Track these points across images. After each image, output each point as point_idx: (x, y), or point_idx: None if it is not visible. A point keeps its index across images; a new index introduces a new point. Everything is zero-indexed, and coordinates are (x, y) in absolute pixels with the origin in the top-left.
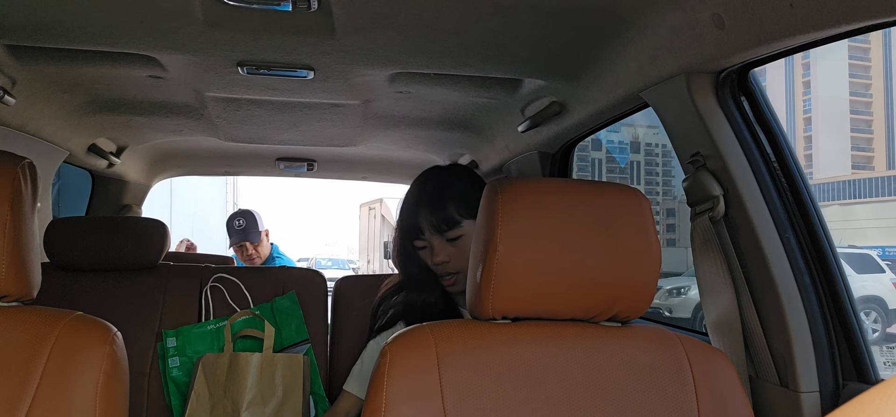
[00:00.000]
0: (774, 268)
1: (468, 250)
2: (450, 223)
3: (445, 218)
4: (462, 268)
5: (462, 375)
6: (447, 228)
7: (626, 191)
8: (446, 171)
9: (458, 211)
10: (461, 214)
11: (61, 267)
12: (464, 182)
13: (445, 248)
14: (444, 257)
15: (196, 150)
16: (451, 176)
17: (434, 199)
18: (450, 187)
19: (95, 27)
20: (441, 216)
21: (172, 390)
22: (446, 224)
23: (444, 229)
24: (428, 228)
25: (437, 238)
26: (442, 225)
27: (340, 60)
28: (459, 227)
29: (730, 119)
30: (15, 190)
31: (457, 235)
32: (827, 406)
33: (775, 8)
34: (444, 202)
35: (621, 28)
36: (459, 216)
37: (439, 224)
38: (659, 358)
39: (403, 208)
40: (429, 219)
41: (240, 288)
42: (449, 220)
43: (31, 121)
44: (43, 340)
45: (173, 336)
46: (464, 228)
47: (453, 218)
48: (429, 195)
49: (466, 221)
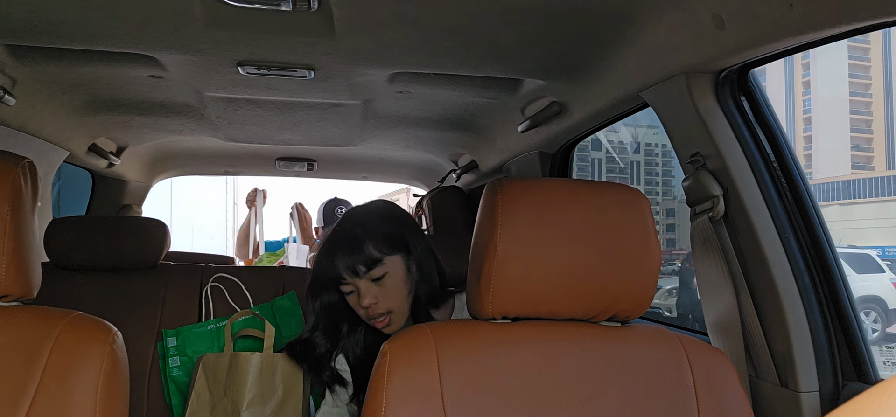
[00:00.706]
0: (774, 268)
1: (397, 288)
2: (370, 263)
3: (365, 259)
4: (394, 307)
5: (462, 375)
6: (368, 268)
7: (626, 191)
8: (359, 210)
9: (378, 249)
10: (382, 251)
11: (61, 266)
12: (379, 217)
13: (371, 290)
14: (372, 299)
15: (196, 150)
16: (364, 213)
17: (350, 241)
18: (365, 226)
19: (95, 27)
20: (360, 257)
21: (172, 390)
22: (366, 265)
23: (365, 270)
24: (348, 273)
25: (361, 280)
26: (360, 268)
27: (340, 60)
28: (382, 265)
29: (730, 119)
30: (15, 189)
31: (381, 273)
32: (827, 406)
33: (775, 8)
34: (360, 242)
35: (621, 28)
36: (380, 253)
37: (355, 266)
38: (659, 358)
39: (319, 258)
40: (347, 263)
41: (240, 287)
42: (369, 260)
43: (31, 121)
44: (43, 340)
45: (173, 335)
46: (386, 265)
47: (373, 256)
48: (344, 238)
49: (389, 257)
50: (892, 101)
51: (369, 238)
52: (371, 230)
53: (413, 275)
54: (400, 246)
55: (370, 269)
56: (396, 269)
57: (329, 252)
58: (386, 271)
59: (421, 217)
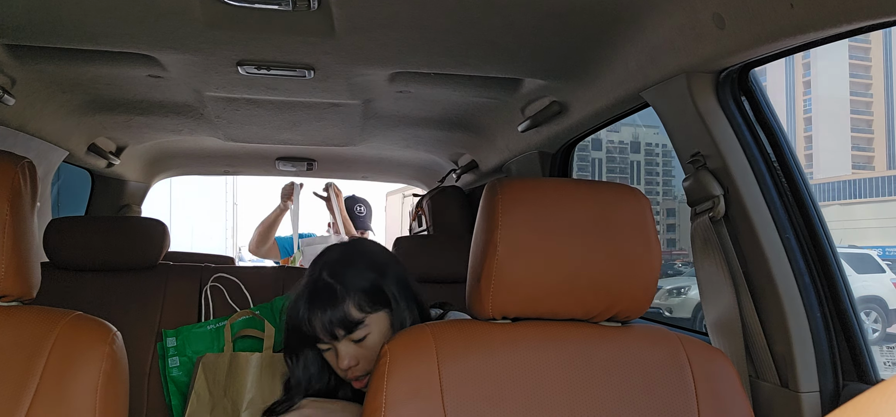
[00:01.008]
0: (775, 268)
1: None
2: (348, 326)
3: (343, 320)
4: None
5: (462, 375)
6: (348, 332)
7: (626, 191)
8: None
9: (360, 307)
10: (364, 309)
11: (61, 266)
12: (361, 267)
13: (351, 351)
14: (351, 361)
15: (196, 150)
16: (345, 262)
17: (329, 299)
18: (346, 280)
19: (95, 27)
20: (338, 318)
21: (172, 390)
22: (345, 327)
23: (344, 333)
24: (326, 335)
25: (342, 342)
26: (339, 331)
27: (340, 60)
28: (363, 326)
29: (730, 119)
30: (14, 189)
31: (362, 335)
32: (827, 407)
33: (775, 8)
34: (340, 301)
35: (621, 28)
36: (362, 312)
37: (334, 330)
38: (659, 358)
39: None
40: (324, 324)
41: (240, 287)
42: (348, 323)
43: (31, 121)
44: (42, 340)
45: (173, 335)
46: (369, 326)
47: (353, 319)
48: (322, 293)
49: (371, 316)
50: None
51: (350, 295)
52: (352, 285)
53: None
54: (383, 301)
55: (350, 331)
56: (379, 328)
57: (306, 307)
58: (368, 332)
59: (421, 217)
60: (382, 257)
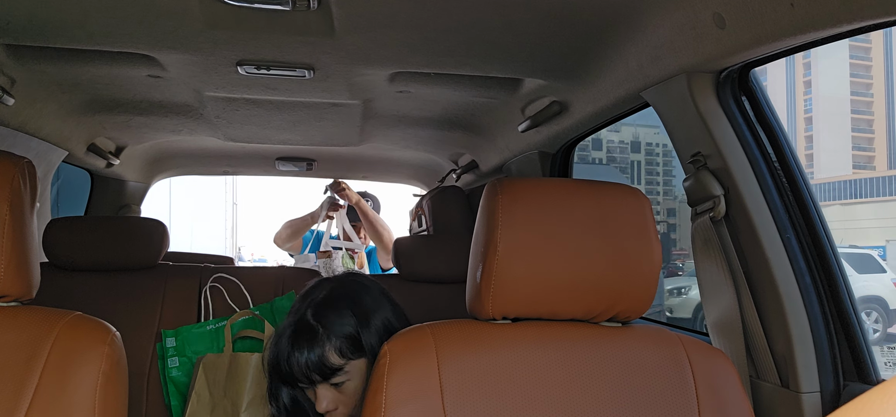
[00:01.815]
0: (775, 268)
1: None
2: (325, 373)
3: (321, 366)
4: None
5: (462, 375)
6: (324, 378)
7: (626, 191)
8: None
9: (340, 352)
10: (344, 355)
11: (60, 266)
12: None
13: (329, 395)
14: (330, 405)
15: (195, 150)
16: (329, 306)
17: (309, 343)
18: (327, 325)
19: (95, 27)
20: (315, 363)
21: (172, 390)
22: (321, 374)
23: (318, 380)
24: (303, 379)
25: (321, 386)
26: (315, 377)
27: (340, 60)
28: (343, 373)
29: (730, 119)
30: (14, 189)
31: (340, 381)
32: (828, 407)
33: (776, 7)
34: (320, 345)
35: (622, 28)
36: (342, 358)
37: (311, 374)
38: (659, 359)
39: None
40: (302, 368)
41: (239, 288)
42: (326, 369)
43: (31, 121)
44: (42, 340)
45: (173, 336)
46: (349, 372)
47: (332, 365)
48: (303, 336)
49: (352, 363)
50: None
51: (330, 340)
52: (333, 330)
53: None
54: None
55: (328, 378)
56: (360, 375)
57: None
58: (347, 378)
59: (421, 217)
60: (370, 302)
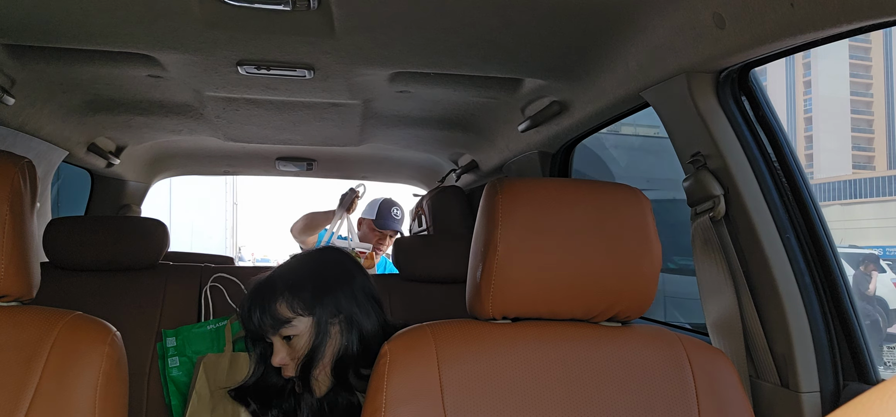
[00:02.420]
0: (775, 268)
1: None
2: (277, 323)
3: (273, 317)
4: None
5: (462, 375)
6: (276, 328)
7: (626, 191)
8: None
9: (292, 308)
10: (295, 311)
11: (61, 266)
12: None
13: (283, 349)
14: (282, 360)
15: (195, 150)
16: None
17: (266, 296)
18: (287, 280)
19: (95, 27)
20: (269, 315)
21: (172, 390)
22: (273, 325)
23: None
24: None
25: (275, 338)
26: (267, 329)
27: (340, 60)
28: (291, 325)
29: (730, 119)
30: (14, 189)
31: (288, 333)
32: (827, 407)
33: (776, 7)
34: (275, 298)
35: (621, 28)
36: (292, 313)
37: (263, 326)
38: (659, 358)
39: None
40: (256, 318)
41: (239, 287)
42: (276, 321)
43: (31, 121)
44: (42, 340)
45: (173, 335)
46: (297, 327)
47: (282, 317)
48: (262, 291)
49: (300, 318)
50: (893, 101)
51: (285, 294)
52: (291, 286)
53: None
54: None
55: (277, 329)
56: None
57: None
58: (296, 332)
59: (421, 217)
60: (337, 271)
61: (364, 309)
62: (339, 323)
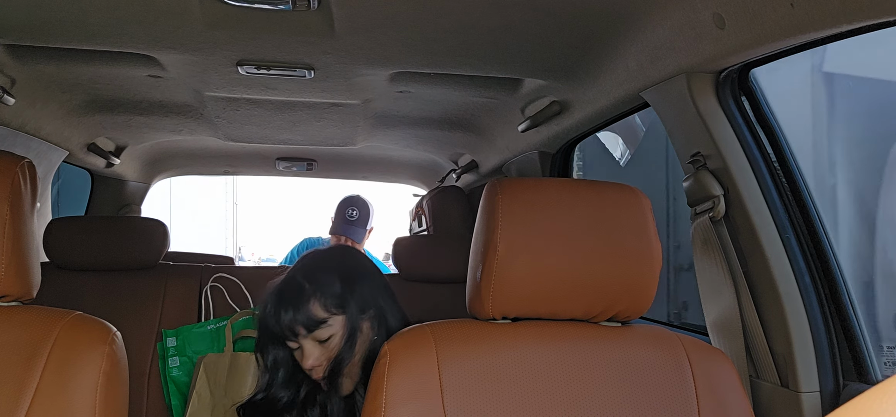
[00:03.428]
0: (775, 268)
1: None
2: (310, 325)
3: (308, 319)
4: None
5: (462, 375)
6: (309, 330)
7: (626, 191)
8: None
9: (325, 307)
10: (329, 310)
11: (61, 266)
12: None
13: (316, 350)
14: (316, 361)
15: (195, 150)
16: (317, 264)
17: (296, 297)
18: (315, 280)
19: (95, 26)
20: (303, 316)
21: (172, 390)
22: (307, 326)
23: (304, 334)
24: (289, 333)
25: (307, 340)
26: (300, 329)
27: (340, 60)
28: (327, 325)
29: (730, 119)
30: (14, 189)
31: (326, 335)
32: (827, 407)
33: (776, 7)
34: (306, 299)
35: (621, 28)
36: (327, 312)
37: (296, 327)
38: (659, 359)
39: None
40: (288, 321)
41: (240, 287)
42: (311, 321)
43: (31, 121)
44: (42, 340)
45: (173, 335)
46: (333, 327)
47: (317, 317)
48: (290, 293)
49: (335, 317)
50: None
51: (316, 294)
52: (320, 285)
53: (365, 336)
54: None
55: (312, 331)
56: (341, 330)
57: (275, 305)
58: (332, 332)
59: (421, 217)
60: (360, 268)
61: (388, 303)
62: (368, 318)
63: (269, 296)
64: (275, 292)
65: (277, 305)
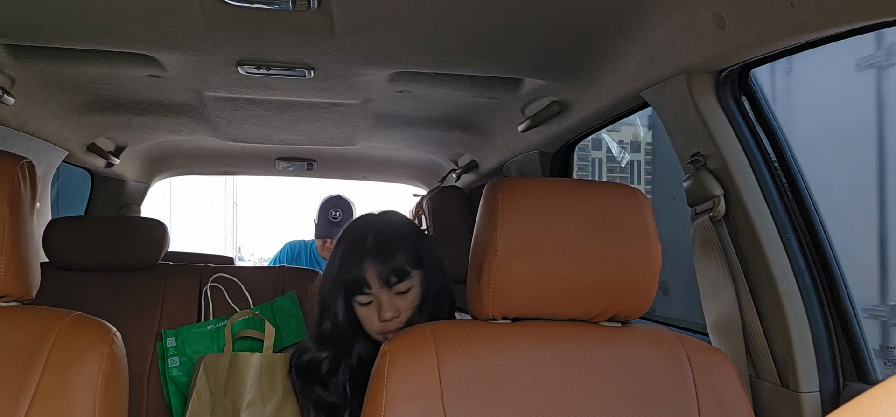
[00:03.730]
0: (775, 268)
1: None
2: (401, 275)
3: (395, 269)
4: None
5: (462, 375)
6: (397, 281)
7: (626, 191)
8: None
9: (408, 262)
10: (410, 264)
11: (61, 266)
12: (408, 229)
13: (394, 303)
14: (393, 312)
15: (195, 150)
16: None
17: (382, 250)
18: (397, 235)
19: (95, 26)
20: (390, 268)
21: (172, 390)
22: (397, 276)
23: (395, 282)
24: (376, 282)
25: (386, 292)
26: (392, 278)
27: (340, 60)
28: (409, 279)
29: (730, 119)
30: (14, 189)
31: (406, 288)
32: (827, 407)
33: (776, 7)
34: (393, 252)
35: (621, 28)
36: (409, 267)
37: (389, 276)
38: (659, 359)
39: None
40: (378, 272)
41: (239, 287)
42: (400, 272)
43: (31, 121)
44: (42, 340)
45: (173, 335)
46: (413, 280)
47: (404, 269)
48: (376, 245)
49: (415, 272)
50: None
51: (401, 249)
52: (403, 240)
53: (430, 295)
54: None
55: (400, 281)
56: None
57: (358, 257)
58: (411, 285)
59: (421, 217)
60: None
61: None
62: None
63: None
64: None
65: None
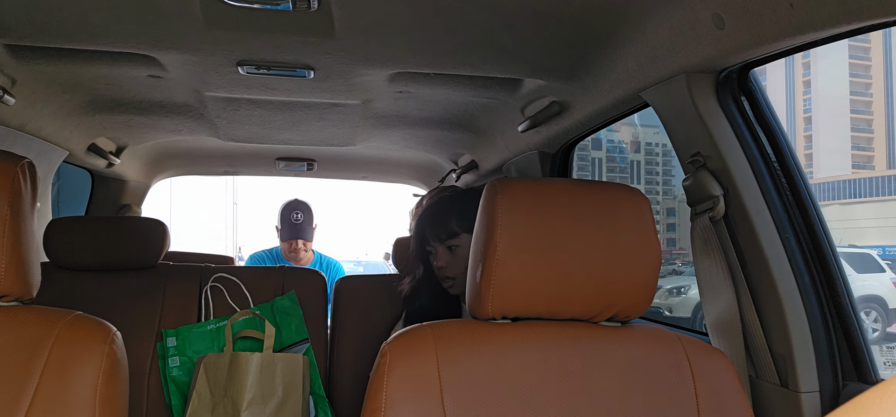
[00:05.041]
0: (774, 268)
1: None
2: (448, 233)
3: (445, 228)
4: (458, 274)
5: (462, 375)
6: (446, 238)
7: (627, 191)
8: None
9: (458, 225)
10: (460, 227)
11: (61, 266)
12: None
13: (445, 255)
14: (443, 263)
15: (196, 150)
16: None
17: (437, 214)
18: (452, 203)
19: (95, 26)
20: (441, 226)
21: (172, 390)
22: (446, 234)
23: (444, 238)
24: (431, 237)
25: (440, 246)
26: (441, 235)
27: (340, 60)
28: (457, 238)
29: (730, 119)
30: (14, 189)
31: (454, 244)
32: (827, 407)
33: (775, 8)
34: (446, 216)
35: (621, 28)
36: (458, 229)
37: (439, 233)
38: (659, 358)
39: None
40: (432, 230)
41: (240, 287)
42: (448, 231)
43: (31, 121)
44: (42, 340)
45: (173, 335)
46: (461, 240)
47: (452, 229)
48: (433, 210)
49: (464, 234)
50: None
51: (453, 215)
52: (457, 208)
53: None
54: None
55: (448, 239)
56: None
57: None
58: (459, 243)
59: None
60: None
61: None
62: None
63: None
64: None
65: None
